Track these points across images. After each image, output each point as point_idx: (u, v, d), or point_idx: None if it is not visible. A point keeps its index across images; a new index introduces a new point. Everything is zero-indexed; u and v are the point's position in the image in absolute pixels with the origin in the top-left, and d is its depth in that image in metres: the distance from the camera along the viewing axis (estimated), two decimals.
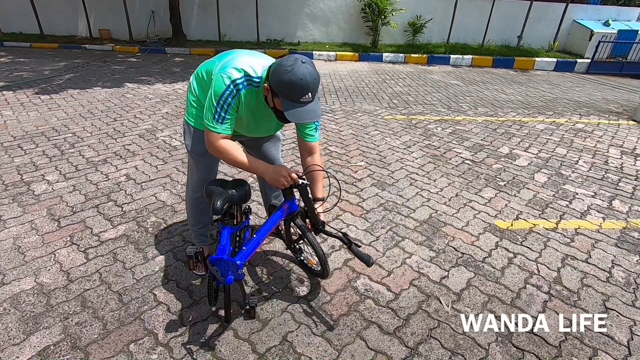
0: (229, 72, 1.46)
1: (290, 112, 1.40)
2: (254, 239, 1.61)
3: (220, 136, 1.51)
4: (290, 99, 1.38)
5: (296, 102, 1.38)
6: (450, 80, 7.42)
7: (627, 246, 2.42)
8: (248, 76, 1.48)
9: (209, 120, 1.49)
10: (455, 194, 2.97)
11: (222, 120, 1.48)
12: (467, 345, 1.67)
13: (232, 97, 1.46)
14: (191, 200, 1.94)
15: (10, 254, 2.10)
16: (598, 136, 4.51)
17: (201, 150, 1.68)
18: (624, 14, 10.41)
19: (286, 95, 1.38)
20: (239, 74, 1.46)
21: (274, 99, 1.44)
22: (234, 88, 1.45)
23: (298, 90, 1.35)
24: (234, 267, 1.44)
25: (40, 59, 7.77)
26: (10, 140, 3.63)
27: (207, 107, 1.49)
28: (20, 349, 1.55)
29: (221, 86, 1.45)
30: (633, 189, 3.22)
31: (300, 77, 1.33)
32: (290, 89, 1.35)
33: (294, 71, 1.33)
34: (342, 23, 10.15)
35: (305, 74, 1.35)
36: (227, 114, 1.48)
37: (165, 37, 9.93)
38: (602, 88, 7.49)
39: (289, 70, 1.33)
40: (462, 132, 4.43)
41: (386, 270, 2.11)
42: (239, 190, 1.60)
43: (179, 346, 1.60)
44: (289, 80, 1.33)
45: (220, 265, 1.44)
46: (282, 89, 1.37)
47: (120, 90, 5.68)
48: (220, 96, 1.45)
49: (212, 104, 1.46)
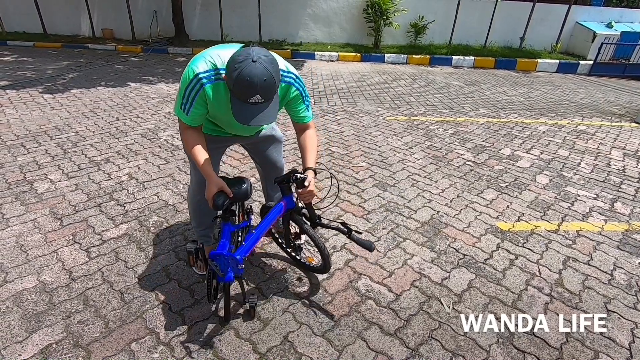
0: (196, 65, 1.41)
1: (236, 112, 1.32)
2: (252, 234, 1.61)
3: (186, 125, 1.50)
4: (236, 96, 1.30)
5: (244, 102, 1.30)
6: (452, 81, 7.42)
7: (629, 248, 2.42)
8: (216, 69, 1.40)
9: (177, 107, 1.49)
10: (457, 195, 2.97)
11: (187, 111, 1.45)
12: (468, 346, 1.67)
13: (195, 92, 1.41)
14: (192, 203, 1.93)
15: (13, 253, 2.11)
16: (600, 138, 4.50)
17: None
18: (627, 16, 10.38)
19: (233, 91, 1.30)
20: (206, 66, 1.40)
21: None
22: (197, 83, 1.40)
23: (244, 90, 1.26)
24: (234, 262, 1.44)
25: (43, 58, 7.80)
26: (14, 139, 3.64)
27: (178, 96, 1.48)
28: (23, 347, 1.56)
29: (186, 79, 1.41)
30: (635, 191, 3.21)
31: (247, 77, 1.23)
32: (236, 87, 1.27)
33: (241, 69, 1.23)
34: (344, 23, 10.16)
35: (253, 75, 1.23)
36: (191, 107, 1.44)
37: (167, 36, 9.97)
38: (604, 90, 7.48)
39: (237, 67, 1.24)
40: (464, 133, 4.43)
41: (387, 271, 2.11)
42: (239, 187, 1.61)
43: (180, 345, 1.61)
44: (236, 78, 1.25)
45: (219, 260, 1.45)
46: (230, 84, 1.29)
47: (123, 89, 5.70)
48: (185, 88, 1.42)
49: (180, 93, 1.45)
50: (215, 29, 10.07)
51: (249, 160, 3.31)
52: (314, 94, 5.93)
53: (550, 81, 8.03)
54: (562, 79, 8.44)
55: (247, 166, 3.31)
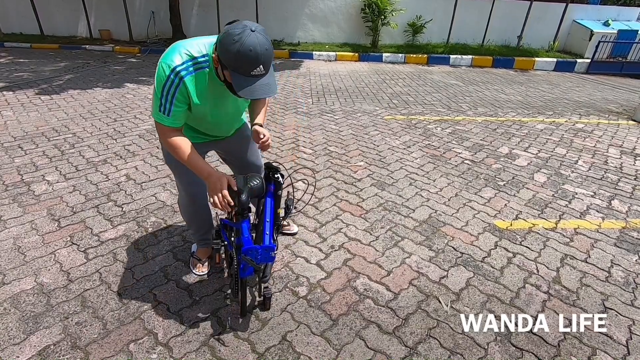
0: (170, 59, 1.32)
1: (239, 87, 1.27)
2: (267, 223, 1.68)
3: (169, 129, 1.41)
4: (240, 72, 1.25)
5: (247, 75, 1.25)
6: (450, 80, 7.42)
7: (626, 246, 2.42)
8: (193, 59, 1.34)
9: (155, 112, 1.39)
10: (455, 194, 2.98)
11: (168, 112, 1.37)
12: (466, 344, 1.67)
13: (174, 87, 1.33)
14: (188, 214, 1.91)
15: (11, 254, 2.10)
16: (598, 136, 4.51)
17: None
18: (624, 14, 10.41)
19: (235, 68, 1.24)
20: (182, 58, 1.33)
21: (224, 71, 1.31)
22: (175, 77, 1.32)
23: (247, 63, 1.22)
24: (270, 250, 1.52)
25: (41, 59, 7.78)
26: (11, 141, 3.63)
27: (154, 99, 1.38)
28: (21, 349, 1.56)
29: (162, 75, 1.32)
30: (632, 188, 3.22)
31: (249, 48, 1.19)
32: (239, 61, 1.21)
33: (242, 41, 1.18)
34: (342, 23, 10.16)
35: (255, 44, 1.19)
36: (172, 105, 1.36)
37: (165, 37, 9.95)
38: (602, 88, 7.49)
39: (236, 40, 1.18)
40: (462, 132, 4.44)
41: (385, 270, 2.11)
42: (257, 183, 1.64)
43: (179, 346, 1.60)
44: (237, 52, 1.19)
45: (253, 254, 1.48)
46: (230, 62, 1.23)
47: (121, 90, 5.69)
48: (163, 86, 1.33)
49: (156, 95, 1.36)
50: (213, 29, 10.05)
51: None
52: (312, 93, 5.93)
53: (547, 79, 8.04)
54: (560, 77, 8.45)
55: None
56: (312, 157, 3.56)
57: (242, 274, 1.59)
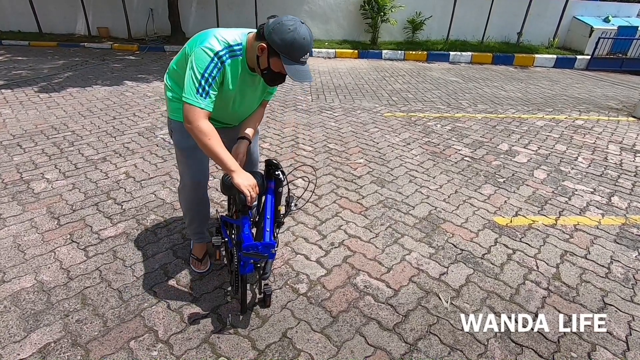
0: (209, 45, 1.40)
1: (292, 71, 1.40)
2: (268, 219, 1.66)
3: (203, 113, 1.43)
4: (291, 57, 1.38)
5: (296, 61, 1.39)
6: (449, 77, 7.41)
7: (626, 242, 2.43)
8: (229, 46, 1.43)
9: (191, 95, 1.40)
10: (455, 191, 2.98)
11: (206, 95, 1.41)
12: (466, 340, 1.68)
13: (217, 70, 1.41)
14: (190, 202, 1.91)
15: (11, 252, 2.10)
16: (597, 133, 4.51)
17: (192, 144, 1.62)
18: (624, 10, 10.37)
19: (287, 54, 1.37)
20: (220, 45, 1.41)
21: (270, 59, 1.42)
22: (218, 61, 1.41)
23: (300, 50, 1.37)
24: (271, 247, 1.51)
25: (39, 57, 7.75)
26: (10, 139, 3.62)
27: (189, 82, 1.40)
28: (21, 346, 1.56)
29: (204, 59, 1.39)
30: (632, 185, 3.22)
31: (303, 37, 1.35)
32: (293, 48, 1.35)
33: (297, 30, 1.34)
34: (341, 20, 10.12)
35: (307, 34, 1.37)
36: (210, 88, 1.42)
37: (164, 35, 9.91)
38: (601, 84, 7.48)
39: (291, 29, 1.34)
40: (462, 129, 4.43)
41: (385, 267, 2.11)
42: (258, 180, 1.62)
43: (179, 343, 1.61)
44: (293, 40, 1.34)
45: (253, 250, 1.49)
46: (284, 48, 1.36)
47: (120, 88, 5.67)
48: (205, 69, 1.39)
49: (194, 77, 1.39)
50: (212, 26, 9.90)
51: None
52: (311, 91, 5.92)
53: (547, 76, 8.03)
54: (560, 74, 8.44)
55: None
56: (311, 154, 3.55)
57: (242, 270, 1.59)
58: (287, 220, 2.47)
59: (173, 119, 1.71)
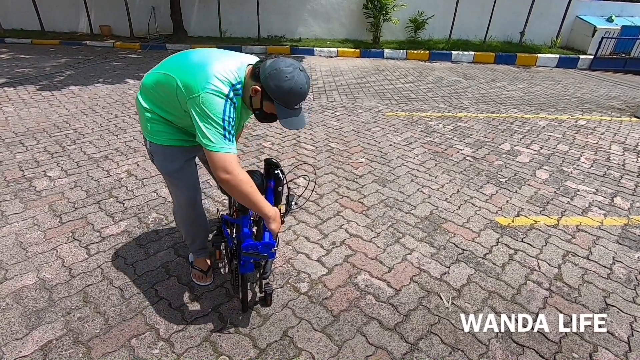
0: (216, 88, 1.33)
1: (285, 119, 1.39)
2: None
3: (236, 158, 1.36)
4: (286, 105, 1.36)
5: (290, 109, 1.38)
6: (451, 76, 7.39)
7: (628, 243, 2.42)
8: (233, 86, 1.38)
9: (220, 143, 1.32)
10: (456, 191, 2.97)
11: (232, 137, 1.35)
12: (467, 340, 1.67)
13: (233, 110, 1.36)
14: (187, 222, 1.84)
15: (13, 250, 2.11)
16: (600, 133, 4.49)
17: (176, 167, 1.61)
18: (628, 10, 10.31)
19: (283, 101, 1.35)
20: (226, 87, 1.35)
21: (264, 102, 1.39)
22: (231, 102, 1.36)
23: (296, 98, 1.35)
24: (270, 247, 1.51)
25: (41, 55, 7.77)
26: (12, 137, 3.63)
27: (212, 131, 1.32)
28: (23, 344, 1.56)
29: (218, 103, 1.32)
30: (635, 185, 3.21)
31: (300, 86, 1.34)
32: (289, 96, 1.34)
33: (294, 79, 1.32)
34: (344, 19, 10.10)
35: (304, 83, 1.35)
36: (233, 129, 1.36)
37: (166, 33, 9.91)
38: (604, 84, 7.45)
39: (289, 77, 1.31)
40: (464, 128, 4.42)
41: (387, 267, 2.11)
42: (255, 180, 1.61)
43: (180, 341, 1.61)
44: (290, 89, 1.32)
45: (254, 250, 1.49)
46: (280, 96, 1.33)
47: (122, 86, 5.68)
48: (224, 113, 1.33)
49: (215, 124, 1.31)
50: (214, 25, 10.01)
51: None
52: (313, 90, 5.91)
53: (550, 76, 8.00)
54: (562, 73, 8.40)
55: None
56: (313, 153, 3.55)
57: (242, 270, 1.59)
58: (288, 219, 2.47)
59: (153, 141, 1.58)
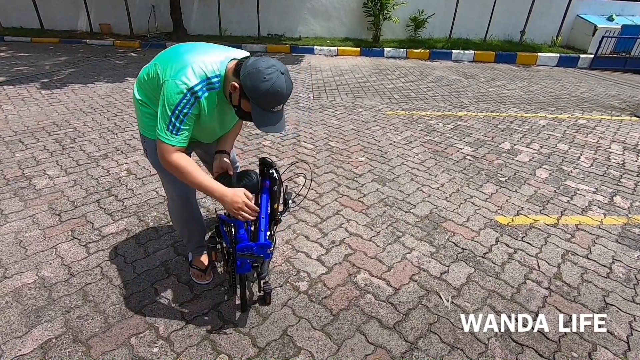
0: (185, 78, 1.30)
1: (259, 121, 1.35)
2: (263, 219, 1.65)
3: (175, 149, 1.36)
4: (261, 106, 1.32)
5: (267, 110, 1.34)
6: (452, 75, 7.38)
7: (628, 242, 2.42)
8: (207, 79, 1.34)
9: (162, 130, 1.33)
10: (456, 190, 2.97)
11: (177, 132, 1.33)
12: (466, 339, 1.67)
13: (190, 106, 1.32)
14: (182, 220, 1.84)
15: (12, 248, 2.11)
16: (600, 132, 4.49)
17: None
18: (628, 9, 10.29)
19: (258, 102, 1.31)
20: (197, 79, 1.32)
21: (242, 100, 1.36)
22: (192, 97, 1.32)
23: (272, 101, 1.31)
24: (266, 247, 1.52)
25: (41, 53, 7.75)
26: (12, 135, 3.63)
27: (160, 115, 1.33)
28: (22, 342, 1.56)
29: (176, 95, 1.30)
30: (635, 185, 3.21)
31: (278, 89, 1.28)
32: (265, 98, 1.29)
33: (272, 81, 1.27)
34: (344, 18, 10.08)
35: (283, 87, 1.30)
36: (182, 125, 1.33)
37: (166, 31, 9.89)
38: (605, 84, 7.44)
39: (267, 79, 1.26)
40: (464, 127, 4.42)
41: (386, 266, 2.11)
42: (250, 180, 1.62)
43: (180, 340, 1.61)
44: (266, 90, 1.27)
45: (247, 252, 1.50)
46: (255, 96, 1.30)
47: (121, 85, 5.67)
48: (176, 105, 1.30)
49: (165, 113, 1.31)
50: (214, 23, 10.00)
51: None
52: (313, 88, 5.91)
53: (550, 75, 7.99)
54: (563, 72, 8.39)
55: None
56: (313, 152, 3.55)
57: (239, 270, 1.59)
58: (288, 218, 2.47)
59: (147, 137, 1.57)
